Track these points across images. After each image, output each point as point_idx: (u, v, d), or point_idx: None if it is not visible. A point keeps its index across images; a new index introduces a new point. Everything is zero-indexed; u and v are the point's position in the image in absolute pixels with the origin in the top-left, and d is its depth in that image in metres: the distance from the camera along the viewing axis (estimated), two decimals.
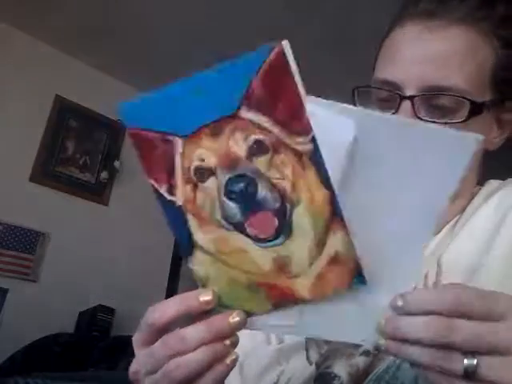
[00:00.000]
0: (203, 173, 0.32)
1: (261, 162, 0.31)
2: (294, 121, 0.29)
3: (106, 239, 2.69)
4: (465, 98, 0.50)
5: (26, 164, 2.55)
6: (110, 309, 2.38)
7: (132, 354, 0.40)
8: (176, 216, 0.34)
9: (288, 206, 0.32)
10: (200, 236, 0.35)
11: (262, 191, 0.31)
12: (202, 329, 0.35)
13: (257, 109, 0.30)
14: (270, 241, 0.33)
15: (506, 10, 0.54)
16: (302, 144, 0.30)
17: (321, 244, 0.32)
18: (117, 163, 2.80)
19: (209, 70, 0.30)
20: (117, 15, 2.53)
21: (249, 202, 0.32)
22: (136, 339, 0.39)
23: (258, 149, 0.31)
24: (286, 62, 0.28)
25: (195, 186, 0.33)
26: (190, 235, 0.35)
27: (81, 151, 2.79)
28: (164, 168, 0.33)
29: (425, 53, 0.53)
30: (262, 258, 0.34)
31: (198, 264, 0.36)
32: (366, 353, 0.50)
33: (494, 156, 0.59)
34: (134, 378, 0.39)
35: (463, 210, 0.58)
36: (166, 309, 0.36)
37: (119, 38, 2.70)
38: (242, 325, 0.35)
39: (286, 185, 0.31)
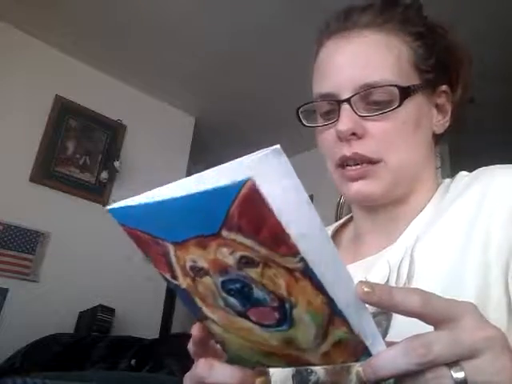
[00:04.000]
0: (198, 271, 0.32)
1: (252, 272, 0.30)
2: (280, 245, 0.28)
3: (106, 239, 2.69)
4: (392, 85, 0.55)
5: (26, 164, 2.55)
6: (110, 309, 2.37)
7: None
8: (185, 295, 0.35)
9: (287, 305, 0.31)
10: (208, 313, 0.36)
11: (259, 293, 0.31)
12: (228, 372, 0.38)
13: (238, 232, 0.28)
14: (273, 327, 0.33)
15: (404, 12, 0.61)
16: (291, 263, 0.29)
17: (324, 334, 0.33)
18: (117, 163, 2.80)
19: (191, 186, 0.28)
20: (117, 15, 2.53)
21: (247, 298, 0.32)
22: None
23: (246, 263, 0.30)
24: (260, 195, 0.26)
25: (194, 279, 0.33)
26: (199, 308, 0.36)
27: (81, 151, 2.79)
28: (163, 261, 0.34)
29: (348, 59, 0.59)
30: (268, 336, 0.34)
31: (212, 327, 0.37)
32: None
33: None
34: None
35: (430, 198, 0.60)
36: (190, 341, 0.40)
37: (119, 38, 2.70)
38: None
39: (282, 292, 0.31)
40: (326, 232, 0.30)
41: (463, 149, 2.52)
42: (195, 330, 0.38)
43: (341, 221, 0.74)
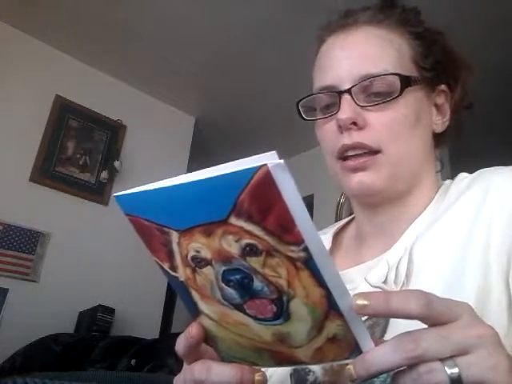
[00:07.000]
0: (200, 261, 0.33)
1: (254, 262, 0.31)
2: (285, 233, 0.29)
3: (106, 239, 2.69)
4: (392, 74, 0.56)
5: (26, 164, 2.55)
6: (110, 309, 2.37)
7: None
8: (181, 287, 0.36)
9: (285, 297, 0.32)
10: (204, 306, 0.36)
11: (258, 284, 0.32)
12: (227, 372, 0.37)
13: (246, 219, 0.29)
14: (269, 320, 0.34)
15: (402, 13, 0.63)
16: (294, 252, 0.30)
17: (319, 327, 0.33)
18: (117, 163, 2.80)
19: (200, 175, 0.29)
20: (117, 15, 2.53)
21: (246, 290, 0.33)
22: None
23: (250, 251, 0.31)
24: (273, 181, 0.27)
25: (194, 270, 0.34)
26: (195, 303, 0.36)
27: (81, 151, 2.79)
28: (164, 251, 0.34)
29: (349, 52, 0.59)
30: (262, 331, 0.35)
31: (205, 324, 0.37)
32: None
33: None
34: None
35: (431, 200, 0.60)
36: (178, 342, 0.39)
37: (119, 38, 2.70)
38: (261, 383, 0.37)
39: (282, 282, 0.31)
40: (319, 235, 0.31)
41: (463, 150, 2.52)
42: (194, 330, 0.37)
43: (341, 222, 0.74)
